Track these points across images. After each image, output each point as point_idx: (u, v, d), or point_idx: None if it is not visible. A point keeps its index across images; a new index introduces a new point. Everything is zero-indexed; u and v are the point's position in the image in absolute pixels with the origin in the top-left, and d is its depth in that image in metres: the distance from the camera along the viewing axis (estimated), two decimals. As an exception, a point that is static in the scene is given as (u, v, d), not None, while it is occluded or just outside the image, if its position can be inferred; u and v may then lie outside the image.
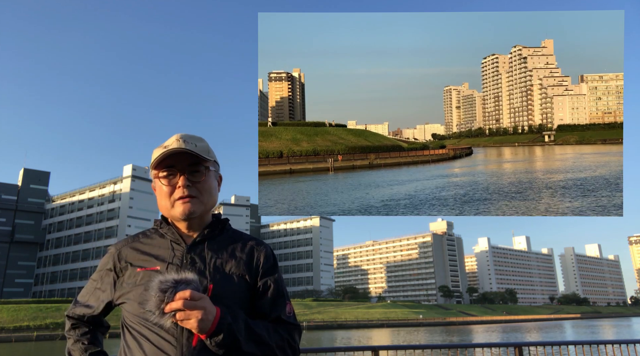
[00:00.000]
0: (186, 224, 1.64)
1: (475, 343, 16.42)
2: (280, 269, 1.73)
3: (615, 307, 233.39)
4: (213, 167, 1.69)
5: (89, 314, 1.72)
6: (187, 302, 1.34)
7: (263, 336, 1.51)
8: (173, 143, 1.59)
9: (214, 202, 1.69)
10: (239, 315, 1.48)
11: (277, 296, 1.64)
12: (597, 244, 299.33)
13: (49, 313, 65.24)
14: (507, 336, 57.19)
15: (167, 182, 1.62)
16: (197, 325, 1.34)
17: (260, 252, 1.67)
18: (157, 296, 1.37)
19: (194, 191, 1.61)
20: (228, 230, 1.73)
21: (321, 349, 6.50)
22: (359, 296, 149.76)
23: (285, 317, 1.63)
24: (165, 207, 1.64)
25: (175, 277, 1.40)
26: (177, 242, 1.63)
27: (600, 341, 7.21)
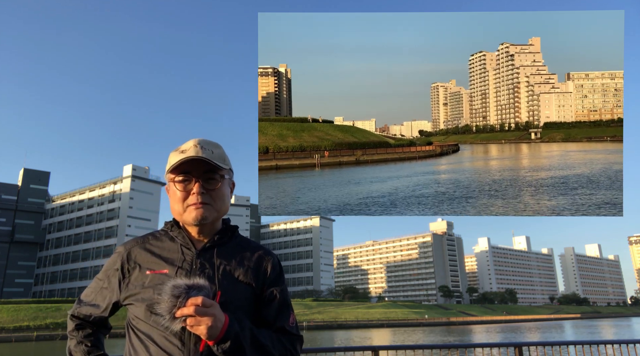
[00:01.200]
0: (197, 229, 1.66)
1: (475, 343, 16.43)
2: (285, 279, 1.76)
3: (615, 307, 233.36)
4: (228, 174, 1.71)
5: (96, 314, 1.72)
6: (199, 309, 1.36)
7: (267, 346, 1.53)
8: (190, 148, 1.61)
9: (226, 209, 1.71)
10: (245, 323, 1.51)
11: (282, 306, 1.67)
12: (597, 244, 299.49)
13: (49, 313, 65.25)
14: (507, 336, 57.18)
15: (182, 187, 1.63)
16: (206, 331, 1.36)
17: (268, 262, 1.70)
18: (169, 300, 1.39)
19: (207, 198, 1.63)
20: (237, 237, 1.75)
21: (321, 349, 6.50)
22: (359, 296, 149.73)
23: (289, 328, 1.65)
24: (177, 211, 1.65)
25: (188, 283, 1.42)
26: (187, 247, 1.64)
27: (600, 341, 7.20)
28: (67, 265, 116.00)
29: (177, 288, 1.39)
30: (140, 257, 1.65)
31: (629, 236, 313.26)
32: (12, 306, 66.28)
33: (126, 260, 1.66)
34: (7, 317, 61.83)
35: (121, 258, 1.67)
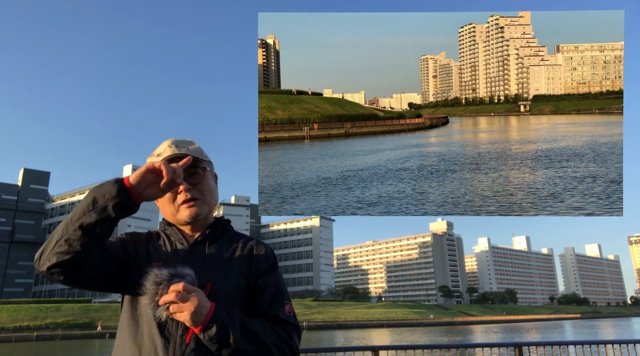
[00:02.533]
0: (190, 226, 1.67)
1: (475, 343, 16.42)
2: (280, 269, 1.74)
3: (615, 307, 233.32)
4: (209, 167, 1.71)
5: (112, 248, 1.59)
6: (180, 294, 1.35)
7: (259, 334, 1.50)
8: (166, 150, 1.61)
9: (215, 201, 1.73)
10: (235, 312, 1.49)
11: (275, 296, 1.65)
12: (597, 244, 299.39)
13: (49, 313, 65.22)
14: (507, 336, 57.13)
15: None
16: (189, 317, 1.35)
17: (259, 252, 1.69)
18: (151, 288, 1.40)
19: (196, 193, 1.64)
20: (229, 231, 1.75)
21: (321, 349, 6.50)
22: (359, 296, 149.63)
23: (284, 316, 1.62)
24: (170, 213, 1.66)
25: (171, 271, 1.43)
26: (180, 242, 1.66)
27: (600, 341, 7.19)
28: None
29: (159, 276, 1.41)
30: (141, 248, 1.66)
31: (629, 236, 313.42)
32: (12, 306, 66.25)
33: (137, 245, 1.66)
34: (7, 317, 61.81)
35: (137, 239, 1.68)
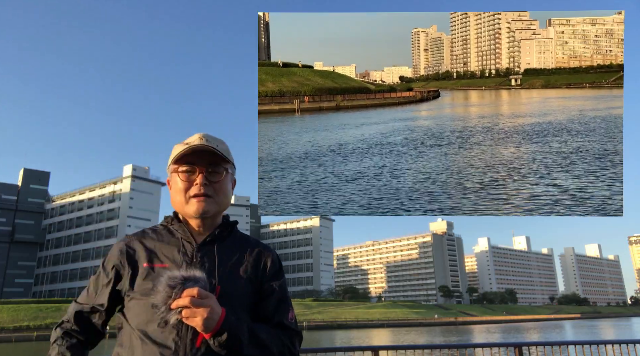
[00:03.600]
0: (198, 222, 1.64)
1: (475, 343, 16.42)
2: (284, 275, 1.74)
3: (615, 307, 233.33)
4: (231, 169, 1.70)
5: (97, 315, 1.64)
6: (194, 300, 1.34)
7: (265, 340, 1.50)
8: (195, 140, 1.61)
9: (227, 204, 1.70)
10: (243, 318, 1.49)
11: (280, 302, 1.65)
12: (597, 244, 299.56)
13: (49, 313, 65.25)
14: (507, 336, 57.14)
15: (185, 177, 1.62)
16: (202, 323, 1.34)
17: (267, 257, 1.69)
18: (165, 291, 1.37)
19: (210, 190, 1.61)
20: (236, 232, 1.74)
21: (321, 349, 6.49)
22: (359, 296, 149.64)
23: (288, 323, 1.62)
24: (179, 203, 1.64)
25: (184, 274, 1.40)
26: (187, 240, 1.62)
27: (600, 341, 7.18)
28: (67, 265, 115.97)
29: (173, 279, 1.38)
30: (139, 251, 1.62)
31: (629, 236, 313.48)
32: (12, 306, 66.32)
33: (125, 253, 1.63)
34: (7, 317, 61.85)
35: (120, 251, 1.64)
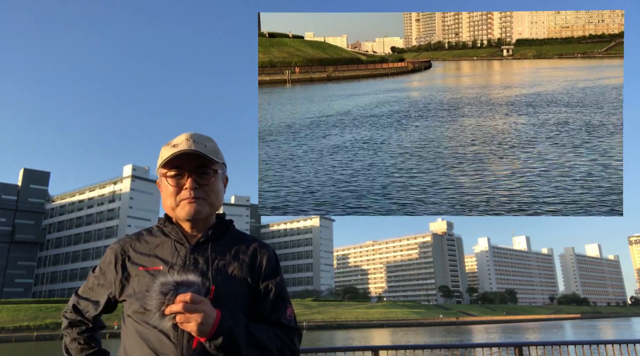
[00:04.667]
0: (190, 224, 1.62)
1: (475, 343, 16.42)
2: (282, 272, 1.71)
3: (615, 307, 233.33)
4: (221, 169, 1.67)
5: (91, 310, 1.69)
6: (188, 305, 1.33)
7: (263, 340, 1.49)
8: (182, 142, 1.57)
9: (219, 204, 1.67)
10: (240, 318, 1.47)
11: (278, 300, 1.62)
12: (597, 244, 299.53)
13: (49, 313, 65.24)
14: (507, 336, 57.15)
15: (174, 182, 1.59)
16: (196, 328, 1.34)
17: (263, 255, 1.65)
18: (157, 298, 1.36)
19: (200, 193, 1.59)
20: (232, 231, 1.71)
21: (321, 349, 6.50)
22: (359, 296, 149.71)
23: (286, 321, 1.60)
24: (170, 206, 1.62)
25: (177, 279, 1.39)
26: (180, 242, 1.60)
27: (600, 341, 7.18)
28: (67, 265, 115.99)
29: (166, 285, 1.36)
30: (133, 254, 1.61)
31: (629, 236, 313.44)
32: (12, 306, 66.31)
33: (120, 256, 1.62)
34: (7, 317, 61.84)
35: (115, 254, 1.64)
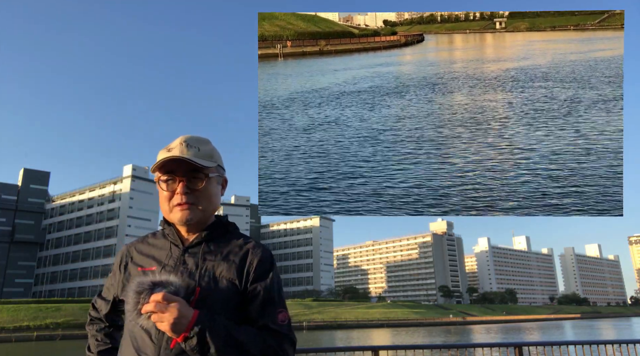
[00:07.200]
0: (185, 227, 1.65)
1: (475, 343, 16.42)
2: (276, 274, 1.63)
3: (615, 307, 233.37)
4: (215, 172, 1.65)
5: (104, 309, 1.78)
6: (159, 305, 1.35)
7: (245, 343, 1.45)
8: (176, 147, 1.59)
9: (214, 208, 1.67)
10: (219, 320, 1.44)
11: (266, 304, 1.56)
12: (597, 244, 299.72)
13: (49, 313, 65.23)
14: (507, 336, 57.16)
15: (166, 186, 1.61)
16: (169, 327, 1.35)
17: (254, 256, 1.60)
18: (133, 296, 1.40)
19: (192, 198, 1.59)
20: (232, 232, 1.69)
21: (321, 349, 6.50)
22: (359, 296, 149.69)
23: (276, 326, 1.54)
24: (165, 211, 1.65)
25: (154, 279, 1.41)
26: (175, 243, 1.63)
27: (600, 341, 7.17)
28: (67, 265, 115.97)
29: (141, 285, 1.40)
30: (135, 255, 1.68)
31: (629, 236, 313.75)
32: (12, 306, 66.26)
33: (125, 257, 1.70)
34: (7, 317, 61.81)
35: (122, 255, 1.72)
